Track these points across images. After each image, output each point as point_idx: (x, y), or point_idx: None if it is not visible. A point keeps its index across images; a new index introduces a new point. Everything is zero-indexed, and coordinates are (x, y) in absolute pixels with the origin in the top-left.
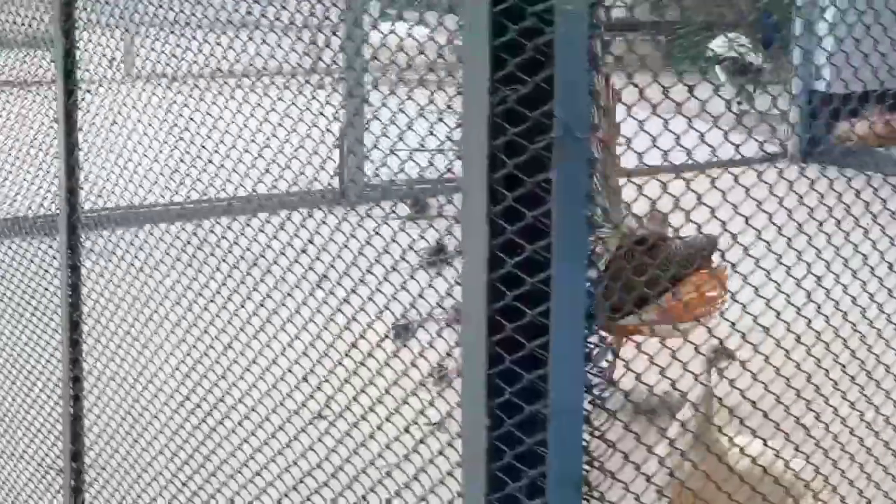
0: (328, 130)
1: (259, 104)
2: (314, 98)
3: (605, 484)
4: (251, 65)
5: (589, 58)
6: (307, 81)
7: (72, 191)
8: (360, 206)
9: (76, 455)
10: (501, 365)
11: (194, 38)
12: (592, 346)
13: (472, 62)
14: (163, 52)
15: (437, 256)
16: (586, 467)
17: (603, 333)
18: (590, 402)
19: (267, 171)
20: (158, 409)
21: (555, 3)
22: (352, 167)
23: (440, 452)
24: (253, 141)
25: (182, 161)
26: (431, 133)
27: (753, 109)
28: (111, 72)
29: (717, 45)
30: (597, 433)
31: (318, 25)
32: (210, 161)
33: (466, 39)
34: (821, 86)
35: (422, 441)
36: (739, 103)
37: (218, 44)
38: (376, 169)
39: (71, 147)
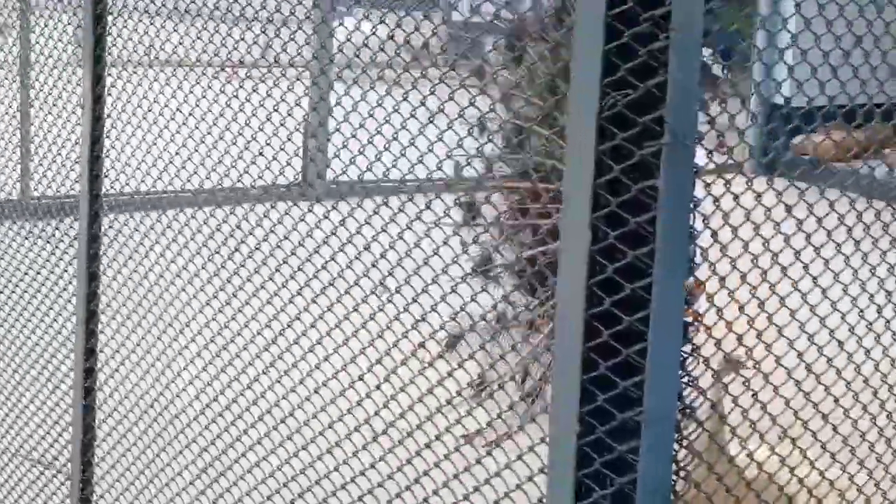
0: (295, 129)
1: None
2: (287, 92)
3: (689, 494)
4: (228, 55)
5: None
6: (280, 76)
7: (95, 178)
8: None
9: (86, 447)
10: (595, 371)
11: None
12: (686, 354)
13: (583, 65)
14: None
15: (485, 266)
16: (673, 476)
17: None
18: (680, 411)
19: (235, 163)
20: (177, 413)
21: (671, 9)
22: (317, 162)
23: (519, 457)
24: (222, 135)
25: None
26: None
27: (711, 121)
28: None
29: None
30: (685, 442)
31: (286, 20)
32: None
33: (578, 42)
34: (780, 99)
35: (498, 445)
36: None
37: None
38: (345, 166)
39: (97, 135)
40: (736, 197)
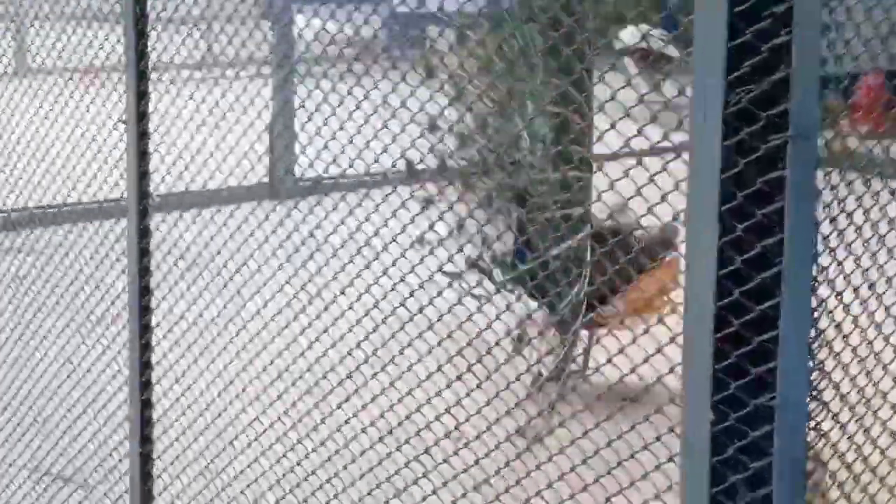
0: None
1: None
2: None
3: (818, 474)
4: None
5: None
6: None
7: (144, 195)
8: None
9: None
10: (727, 359)
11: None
12: (811, 339)
13: (707, 63)
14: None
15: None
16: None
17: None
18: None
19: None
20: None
21: (793, 5)
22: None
23: (645, 447)
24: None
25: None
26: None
27: (665, 101)
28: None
29: (627, 35)
30: (813, 424)
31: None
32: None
33: (700, 41)
34: None
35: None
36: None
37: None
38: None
39: (143, 151)
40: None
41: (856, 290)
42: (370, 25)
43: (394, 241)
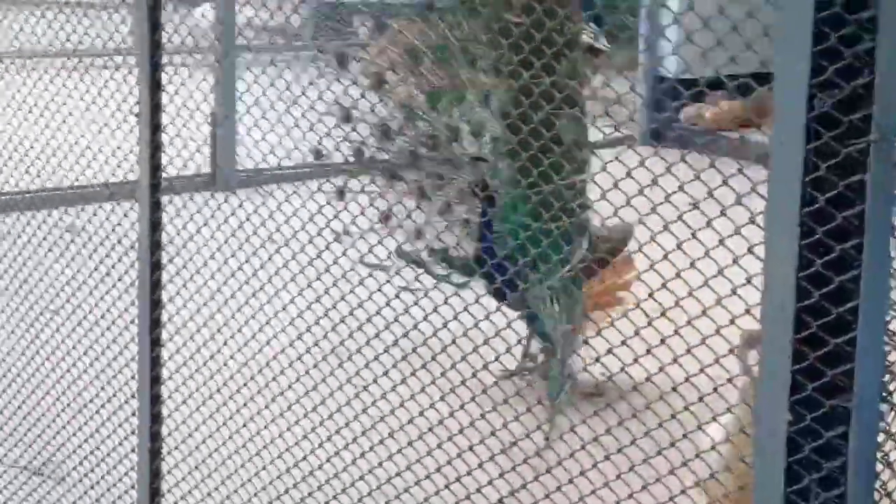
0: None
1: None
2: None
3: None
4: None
5: None
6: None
7: (155, 187)
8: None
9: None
10: (805, 361)
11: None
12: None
13: (791, 68)
14: None
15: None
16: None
17: None
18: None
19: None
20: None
21: (877, 13)
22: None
23: (713, 448)
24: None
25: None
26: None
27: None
28: None
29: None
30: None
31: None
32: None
33: (784, 45)
34: (668, 70)
35: (699, 429)
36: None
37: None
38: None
39: (156, 145)
40: None
41: None
42: (308, 21)
43: (313, 237)
